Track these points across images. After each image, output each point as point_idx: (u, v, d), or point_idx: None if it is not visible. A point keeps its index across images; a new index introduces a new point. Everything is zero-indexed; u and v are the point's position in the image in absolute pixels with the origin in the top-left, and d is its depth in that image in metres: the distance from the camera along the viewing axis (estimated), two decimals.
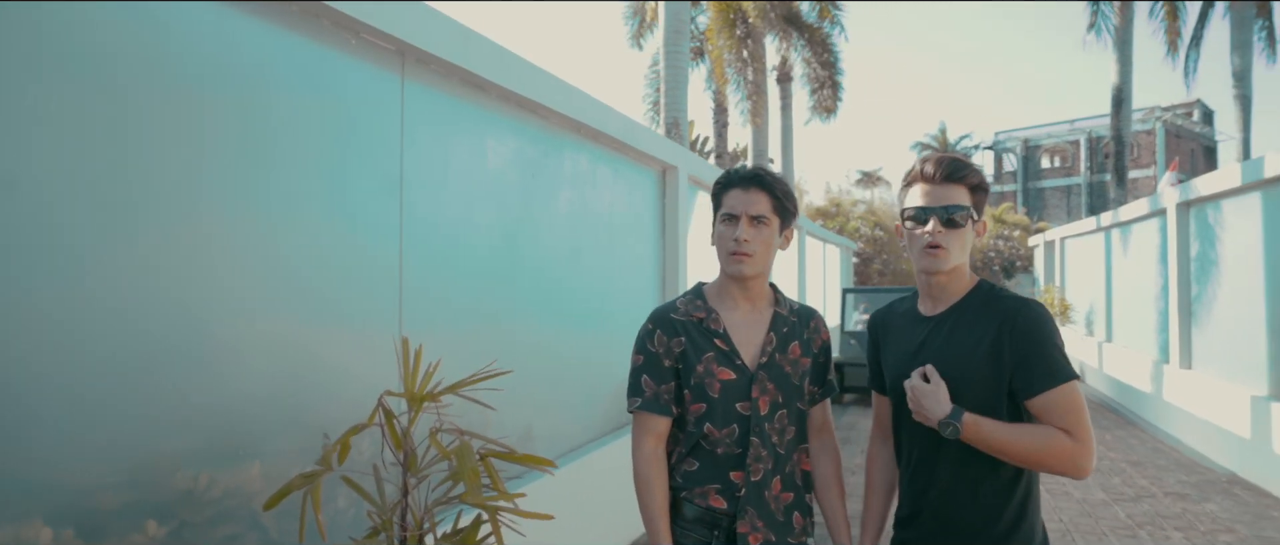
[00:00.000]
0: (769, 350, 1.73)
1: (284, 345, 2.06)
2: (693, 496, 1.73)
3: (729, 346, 1.72)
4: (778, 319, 1.77)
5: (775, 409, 1.72)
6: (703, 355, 1.72)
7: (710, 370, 1.71)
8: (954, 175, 1.55)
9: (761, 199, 1.71)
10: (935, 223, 1.54)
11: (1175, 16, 12.13)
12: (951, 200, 1.54)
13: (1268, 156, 5.74)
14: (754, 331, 1.75)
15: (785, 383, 1.73)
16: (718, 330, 1.73)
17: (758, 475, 1.70)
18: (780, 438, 1.73)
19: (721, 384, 1.70)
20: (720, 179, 1.77)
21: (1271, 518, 4.96)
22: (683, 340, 1.74)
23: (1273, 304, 5.81)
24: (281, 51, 2.06)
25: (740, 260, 1.70)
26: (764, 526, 1.70)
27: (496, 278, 3.04)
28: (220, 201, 1.88)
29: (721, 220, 1.74)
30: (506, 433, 3.05)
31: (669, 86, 9.31)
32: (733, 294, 1.77)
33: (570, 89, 3.52)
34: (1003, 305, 1.53)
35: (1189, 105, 36.83)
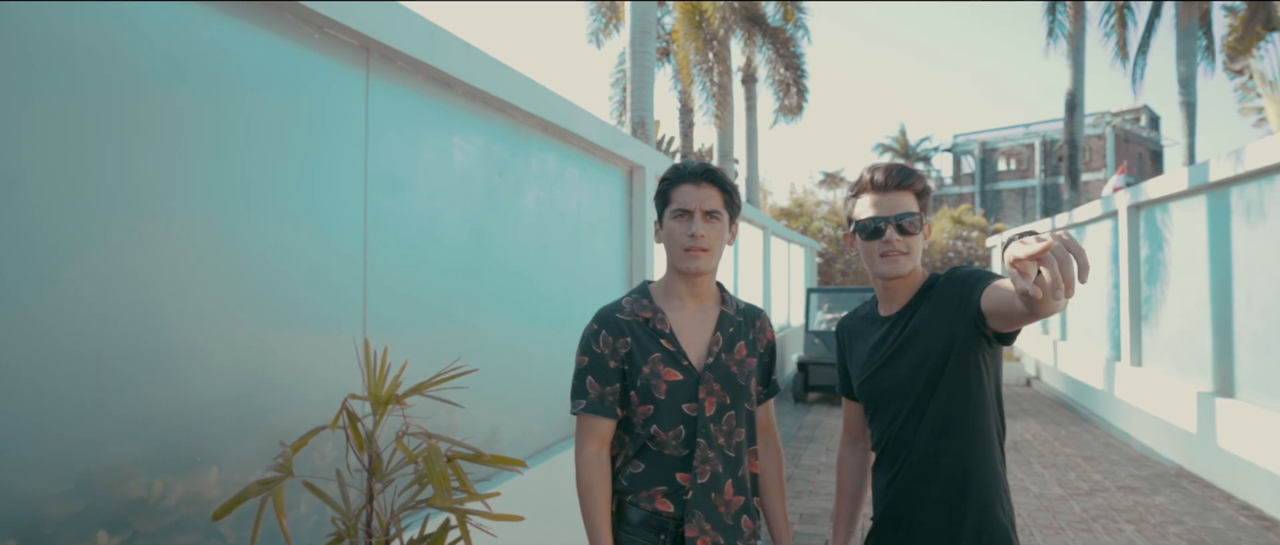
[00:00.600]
0: (715, 350, 1.71)
1: (243, 347, 2.00)
2: (639, 500, 1.69)
3: (675, 347, 1.69)
4: (724, 318, 1.75)
5: (723, 410, 1.70)
6: (649, 356, 1.69)
7: (656, 371, 1.68)
8: (903, 183, 1.60)
9: (713, 194, 1.70)
10: (892, 230, 1.58)
11: (1124, 26, 12.52)
12: (903, 208, 1.59)
13: (1212, 161, 5.95)
14: (700, 331, 1.73)
15: (732, 383, 1.71)
16: (664, 330, 1.70)
17: (704, 477, 1.67)
18: (728, 440, 1.70)
19: (667, 385, 1.68)
20: (667, 174, 1.74)
21: (1216, 509, 5.14)
22: (629, 340, 1.71)
23: (1217, 303, 6.02)
24: (243, 46, 2.00)
25: (696, 255, 1.68)
26: (712, 529, 1.67)
27: (463, 278, 3.00)
28: (177, 199, 1.81)
29: (672, 216, 1.71)
30: (472, 434, 3.01)
31: (635, 86, 9.31)
32: (680, 293, 1.75)
33: (538, 87, 3.49)
34: (939, 279, 1.62)
35: (1137, 111, 38.04)
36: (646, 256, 4.97)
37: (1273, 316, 5.18)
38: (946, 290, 1.56)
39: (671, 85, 15.98)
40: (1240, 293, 5.66)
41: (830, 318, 10.93)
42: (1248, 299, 5.55)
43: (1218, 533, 4.63)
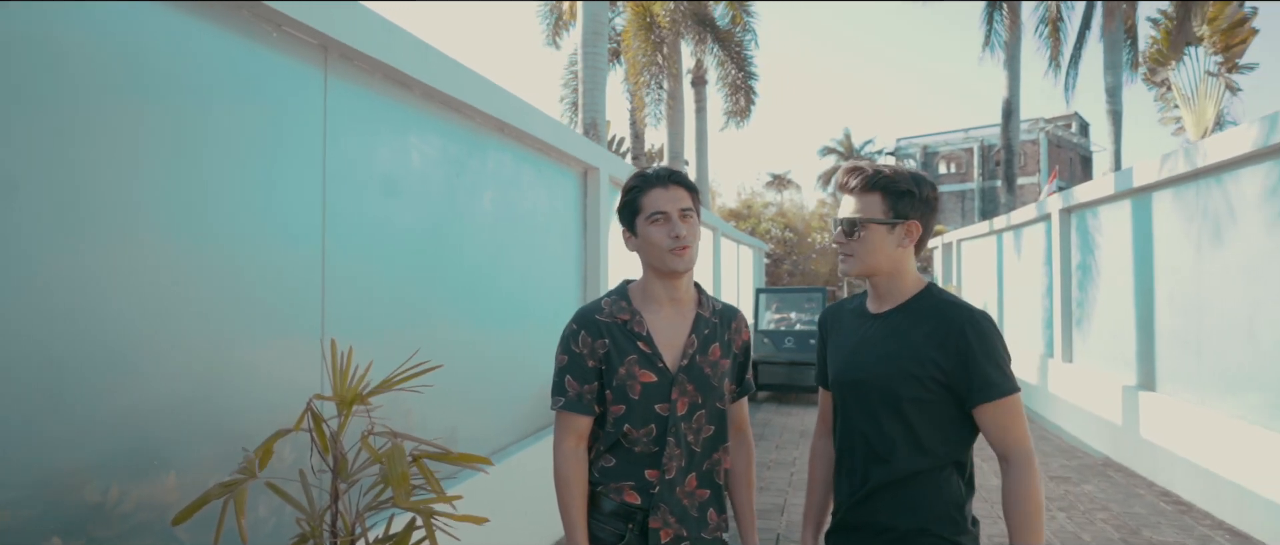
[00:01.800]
0: (690, 352, 1.76)
1: (200, 348, 1.97)
2: (609, 491, 1.76)
3: (652, 349, 1.74)
4: (700, 320, 1.80)
5: (694, 409, 1.75)
6: (625, 357, 1.74)
7: (632, 372, 1.73)
8: (866, 185, 1.61)
9: (683, 194, 1.75)
10: (840, 231, 1.65)
11: (1057, 36, 13.10)
12: (854, 210, 1.62)
13: (1136, 167, 6.28)
14: (676, 333, 1.78)
15: (705, 383, 1.76)
16: (641, 333, 1.75)
17: (671, 473, 1.73)
18: (696, 436, 1.76)
19: (642, 387, 1.73)
20: (633, 183, 1.78)
21: (1139, 496, 5.44)
22: (606, 342, 1.75)
23: (1141, 302, 6.37)
24: (200, 44, 1.97)
25: (682, 254, 1.72)
26: (676, 522, 1.74)
27: (421, 278, 2.99)
28: (132, 199, 1.78)
29: (649, 221, 1.73)
30: (430, 433, 3.00)
31: (587, 87, 9.33)
32: (658, 295, 1.79)
33: (494, 88, 3.50)
34: (954, 312, 1.57)
35: (1068, 117, 39.70)
36: (601, 257, 5.01)
37: (1191, 314, 5.51)
38: (961, 343, 1.52)
39: (623, 87, 16.03)
40: (1162, 292, 5.99)
41: (778, 318, 11.14)
42: (1168, 298, 5.88)
43: (1140, 517, 4.91)
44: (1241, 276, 4.85)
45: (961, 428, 1.58)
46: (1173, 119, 17.12)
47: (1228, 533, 4.59)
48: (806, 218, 28.03)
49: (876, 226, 1.60)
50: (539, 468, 3.87)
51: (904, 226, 1.60)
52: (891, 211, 1.60)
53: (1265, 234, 4.59)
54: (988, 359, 1.52)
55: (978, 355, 1.51)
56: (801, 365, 9.82)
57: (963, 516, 1.59)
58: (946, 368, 1.53)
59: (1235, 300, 4.92)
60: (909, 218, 1.60)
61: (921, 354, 1.56)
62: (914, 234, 1.61)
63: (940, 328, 1.56)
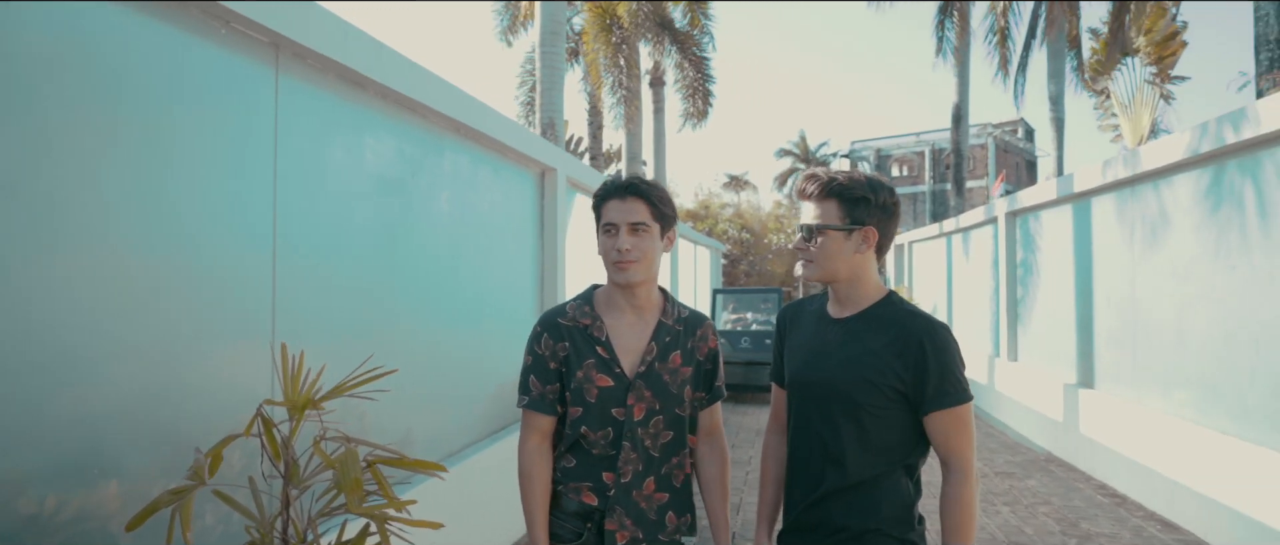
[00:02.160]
0: (649, 359, 1.78)
1: (144, 353, 1.92)
2: (569, 490, 1.79)
3: (609, 354, 1.77)
4: (661, 328, 1.82)
5: (651, 415, 1.78)
6: (584, 361, 1.77)
7: (589, 376, 1.76)
8: (823, 192, 1.64)
9: (639, 207, 1.76)
10: (800, 237, 1.68)
11: (1005, 45, 13.52)
12: (811, 216, 1.65)
13: (1077, 173, 6.52)
14: (636, 340, 1.80)
15: (663, 390, 1.78)
16: (600, 338, 1.78)
17: (627, 476, 1.76)
18: (654, 441, 1.79)
19: (599, 390, 1.76)
20: (598, 191, 1.82)
21: (1078, 490, 5.66)
22: (567, 345, 1.79)
23: (1081, 303, 6.61)
24: (146, 41, 1.92)
25: (624, 268, 1.75)
26: (632, 524, 1.77)
27: (375, 280, 2.95)
28: (75, 199, 1.73)
29: (603, 231, 1.78)
30: (385, 437, 2.97)
31: (545, 87, 9.30)
32: (619, 302, 1.82)
33: (451, 88, 3.47)
34: (913, 322, 1.60)
35: (1014, 123, 40.94)
36: (558, 258, 5.00)
37: (1126, 315, 5.75)
38: (918, 353, 1.55)
39: (581, 87, 16.01)
40: (1100, 294, 6.23)
41: (734, 318, 11.26)
42: (1106, 299, 6.12)
43: (1079, 510, 5.11)
44: (1172, 278, 5.08)
45: (915, 434, 1.63)
46: (1111, 126, 17.82)
47: (1159, 523, 4.80)
48: (763, 219, 28.36)
49: (834, 233, 1.63)
50: (495, 468, 3.86)
51: (861, 232, 1.63)
52: (848, 218, 1.62)
53: (1193, 238, 4.81)
54: (943, 369, 1.56)
55: (933, 365, 1.55)
56: (758, 365, 9.95)
57: (912, 516, 1.65)
58: (904, 377, 1.57)
59: (1166, 301, 5.15)
60: (866, 224, 1.62)
61: (881, 362, 1.59)
62: (871, 240, 1.64)
63: (900, 337, 1.59)
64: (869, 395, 1.59)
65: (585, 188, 5.94)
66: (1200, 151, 4.57)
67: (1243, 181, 4.31)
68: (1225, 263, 4.46)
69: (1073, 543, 4.45)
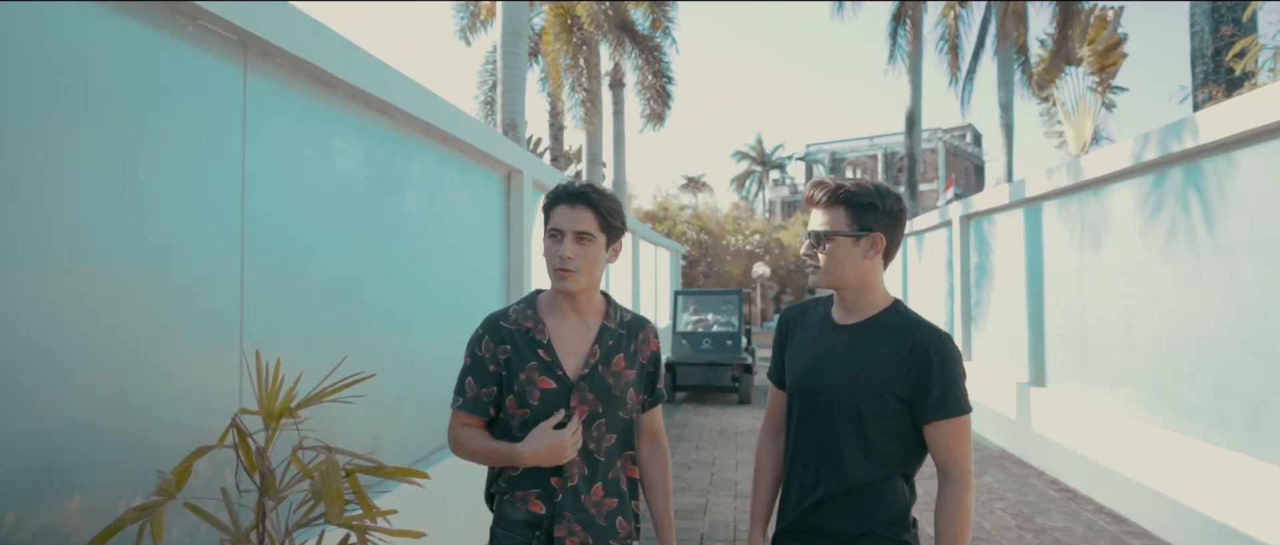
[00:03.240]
0: (592, 362, 1.78)
1: (106, 361, 1.85)
2: (515, 501, 1.78)
3: (551, 357, 1.77)
4: (604, 332, 1.82)
5: (594, 418, 1.77)
6: (526, 364, 1.76)
7: (532, 378, 1.75)
8: (830, 199, 1.66)
9: (587, 216, 1.74)
10: (808, 243, 1.69)
11: (955, 53, 13.90)
12: (820, 223, 1.67)
13: (1028, 178, 6.74)
14: (579, 343, 1.80)
15: (606, 393, 1.78)
16: (542, 341, 1.78)
17: (574, 480, 1.75)
18: (598, 445, 1.78)
19: (541, 392, 1.75)
20: (548, 194, 1.80)
21: (1032, 486, 5.84)
22: (508, 348, 1.78)
23: (1033, 304, 6.83)
24: (108, 37, 1.85)
25: (564, 276, 1.74)
26: (582, 530, 1.75)
27: (344, 284, 2.89)
28: (31, 200, 1.65)
29: (548, 235, 1.77)
30: (356, 443, 2.92)
31: (506, 88, 9.22)
32: (562, 306, 1.81)
33: (419, 89, 3.43)
34: (919, 332, 1.62)
35: (963, 128, 42.08)
36: (525, 261, 4.97)
37: (1076, 316, 5.95)
38: (924, 362, 1.57)
39: (540, 87, 15.92)
40: (1051, 295, 6.45)
41: (696, 319, 11.32)
42: (1056, 301, 6.34)
43: (1032, 505, 5.28)
44: (1119, 281, 5.28)
45: (915, 443, 1.65)
46: (1056, 133, 18.45)
47: (1108, 516, 4.99)
48: (721, 220, 28.60)
49: (842, 239, 1.64)
50: (462, 473, 3.81)
51: (869, 239, 1.65)
52: (856, 224, 1.64)
53: (1140, 242, 5.01)
54: (947, 379, 1.58)
55: (938, 375, 1.58)
56: (719, 366, 10.01)
57: (907, 519, 1.68)
58: (908, 386, 1.59)
59: (1114, 303, 5.36)
60: (873, 230, 1.64)
61: (886, 371, 1.61)
62: (879, 246, 1.66)
63: (905, 346, 1.61)
64: (873, 404, 1.60)
65: None
66: (1144, 159, 4.76)
67: (1186, 189, 4.50)
68: (1170, 266, 4.66)
69: (1028, 537, 4.59)
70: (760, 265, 24.73)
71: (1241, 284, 3.97)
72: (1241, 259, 3.98)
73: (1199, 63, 6.21)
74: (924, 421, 1.60)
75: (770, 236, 28.21)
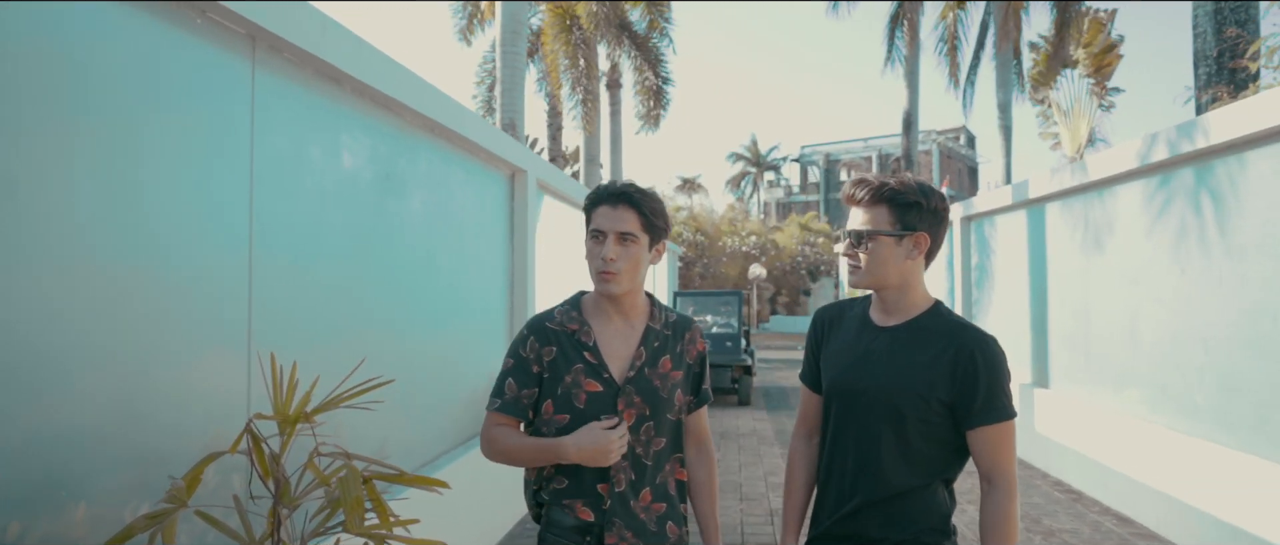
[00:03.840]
0: (638, 364, 1.74)
1: (113, 365, 1.79)
2: (562, 510, 1.72)
3: (597, 360, 1.72)
4: (650, 333, 1.79)
5: (642, 421, 1.74)
6: (572, 366, 1.72)
7: (578, 381, 1.71)
8: (873, 197, 1.60)
9: (629, 216, 1.70)
10: (849, 242, 1.63)
11: (954, 54, 13.92)
12: (868, 223, 1.59)
13: (1031, 179, 6.72)
14: (625, 345, 1.76)
15: (653, 395, 1.74)
16: (588, 343, 1.73)
17: (621, 486, 1.71)
18: (646, 449, 1.75)
19: (588, 395, 1.71)
20: (591, 194, 1.77)
21: (1037, 487, 5.82)
22: (554, 350, 1.74)
23: (1036, 305, 6.81)
24: (114, 30, 1.79)
25: (607, 279, 1.70)
26: (633, 536, 1.71)
27: (350, 284, 2.84)
28: (37, 198, 1.60)
29: (590, 237, 1.73)
30: (365, 447, 2.86)
31: (505, 88, 9.17)
32: (605, 308, 1.78)
33: (426, 86, 3.38)
34: (965, 335, 1.57)
35: (957, 130, 42.19)
36: (528, 261, 4.92)
37: (1080, 317, 5.94)
38: (969, 365, 1.53)
39: (538, 88, 15.87)
40: (1054, 296, 6.43)
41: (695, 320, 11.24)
42: (1060, 302, 6.32)
43: (1039, 507, 5.25)
44: (1123, 281, 5.27)
45: (957, 448, 1.60)
46: (1052, 135, 18.49)
47: (1115, 518, 4.97)
48: (716, 221, 28.60)
49: (884, 238, 1.59)
50: (468, 478, 3.76)
51: (912, 238, 1.59)
52: (899, 223, 1.58)
53: (1144, 243, 5.00)
54: (993, 383, 1.53)
55: (984, 379, 1.53)
56: (718, 367, 9.97)
57: (948, 526, 1.63)
58: (953, 390, 1.54)
59: (1118, 303, 5.34)
60: (917, 229, 1.59)
61: (931, 374, 1.56)
62: (923, 246, 1.61)
63: (950, 349, 1.56)
64: (917, 408, 1.56)
65: (554, 190, 5.86)
66: (1152, 160, 4.74)
67: (1196, 189, 4.49)
68: (1176, 266, 4.64)
69: (1037, 539, 4.57)
70: (756, 266, 24.72)
71: (1250, 285, 3.96)
72: (1250, 260, 3.97)
73: (1202, 64, 6.20)
74: (968, 427, 1.55)
75: (766, 238, 28.21)
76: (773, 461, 6.72)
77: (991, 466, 1.55)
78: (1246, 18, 5.98)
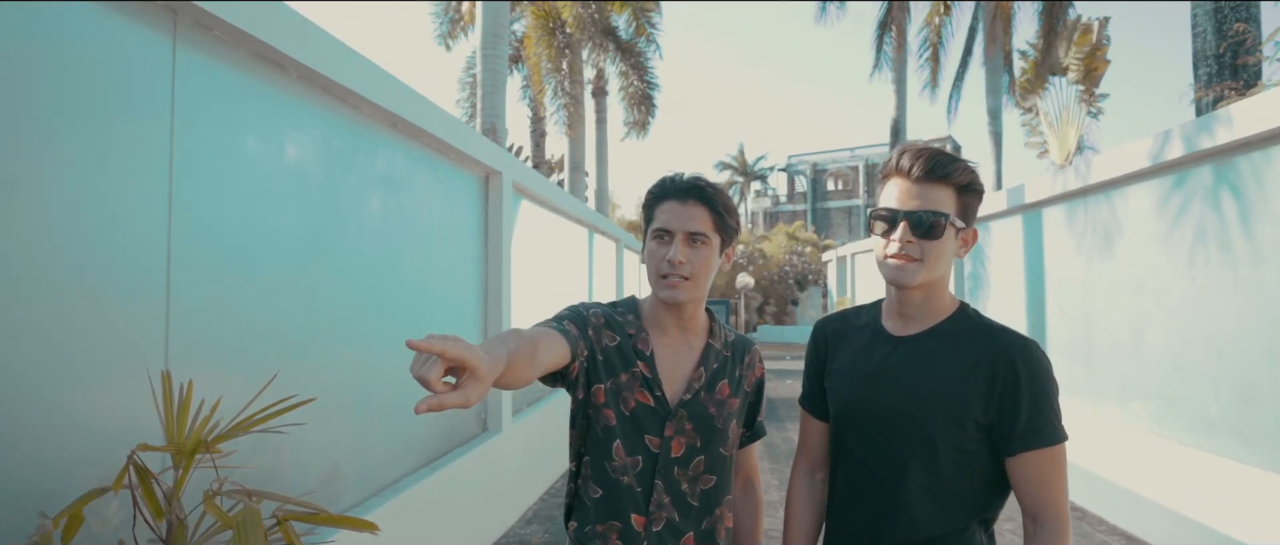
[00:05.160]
0: (695, 386, 1.50)
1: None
2: (594, 534, 1.46)
3: (652, 373, 1.47)
4: (710, 352, 1.54)
5: (692, 454, 1.48)
6: (629, 367, 1.47)
7: (630, 385, 1.47)
8: (936, 172, 1.28)
9: (701, 214, 1.46)
10: (905, 228, 1.29)
11: (937, 61, 13.79)
12: (930, 204, 1.28)
13: (1028, 183, 6.52)
14: (681, 364, 1.52)
15: (707, 424, 1.49)
16: (645, 352, 1.49)
17: (659, 524, 1.45)
18: (693, 487, 1.48)
19: (637, 403, 1.46)
20: (654, 189, 1.52)
21: None
22: (618, 339, 1.49)
23: (1033, 313, 6.60)
24: None
25: (674, 285, 1.45)
26: None
27: (295, 293, 2.55)
28: None
29: (653, 236, 1.48)
30: (308, 474, 2.57)
31: (486, 90, 8.91)
32: (664, 320, 1.52)
33: (387, 77, 3.11)
34: (1001, 340, 1.29)
35: (943, 140, 42.35)
36: (503, 268, 4.64)
37: (1080, 325, 5.72)
38: (1008, 378, 1.26)
39: (521, 94, 15.62)
40: (1053, 304, 6.22)
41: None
42: (1059, 309, 6.10)
43: None
44: (1127, 288, 5.05)
45: (998, 481, 1.32)
46: (1038, 143, 18.43)
47: (1122, 537, 4.73)
48: None
49: (951, 228, 1.30)
50: (438, 500, 3.47)
51: (966, 234, 1.34)
52: (964, 212, 1.31)
53: (1151, 248, 4.78)
54: (1039, 398, 1.26)
55: (1027, 393, 1.25)
56: None
57: None
58: (991, 409, 1.27)
59: (1122, 311, 5.12)
60: (969, 224, 1.33)
61: (964, 391, 1.28)
62: (970, 244, 1.35)
63: (986, 358, 1.28)
64: (951, 434, 1.28)
65: (532, 194, 5.59)
66: (1165, 158, 4.53)
67: (1210, 189, 4.28)
68: (1186, 272, 4.42)
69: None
70: (744, 276, 24.53)
71: (1271, 289, 3.74)
72: (1269, 263, 3.75)
73: (1202, 64, 6.03)
74: (1010, 453, 1.27)
75: (753, 247, 28.07)
76: (762, 481, 6.45)
77: (1038, 502, 1.27)
78: (1248, 16, 5.82)
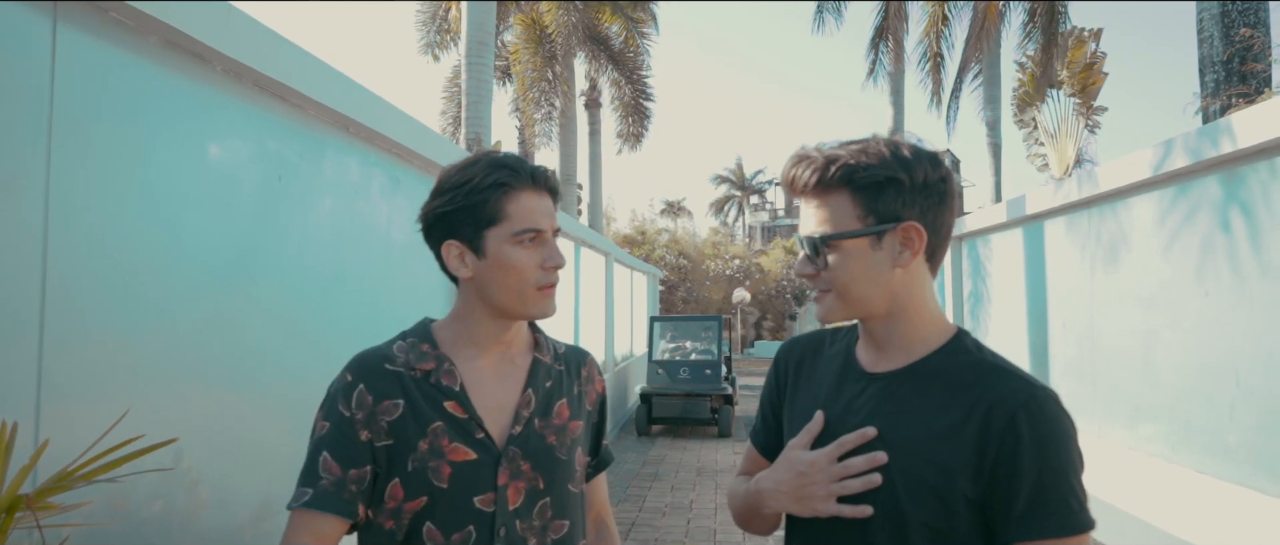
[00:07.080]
0: (525, 415, 1.22)
1: None
2: None
3: (468, 411, 1.18)
4: (538, 369, 1.26)
5: (535, 499, 1.20)
6: (428, 426, 1.16)
7: (437, 448, 1.15)
8: (825, 179, 1.03)
9: (554, 206, 1.26)
10: (802, 257, 1.08)
11: (937, 72, 13.61)
12: (820, 221, 1.04)
13: (1029, 195, 6.28)
14: (505, 389, 1.23)
15: (547, 459, 1.21)
16: (452, 388, 1.19)
17: None
18: (541, 537, 1.20)
19: (453, 468, 1.15)
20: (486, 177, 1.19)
21: None
22: (400, 404, 1.17)
23: (1034, 329, 6.34)
24: None
25: (551, 294, 1.22)
26: None
27: (221, 312, 2.28)
28: None
29: (515, 240, 1.18)
30: (237, 510, 2.30)
31: (471, 99, 8.68)
32: (481, 338, 1.24)
33: (335, 75, 2.85)
34: (1000, 385, 0.98)
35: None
36: None
37: (1085, 342, 5.46)
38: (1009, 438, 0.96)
39: (511, 108, 15.43)
40: (1055, 319, 5.96)
41: (673, 346, 10.76)
42: (1062, 325, 5.84)
43: None
44: (1136, 304, 4.79)
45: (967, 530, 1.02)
46: (1038, 156, 18.25)
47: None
48: (700, 245, 28.28)
49: (851, 243, 1.03)
50: None
51: (896, 234, 1.04)
52: (870, 214, 1.02)
53: (1161, 260, 4.53)
54: (1048, 470, 0.94)
55: (1031, 461, 0.94)
56: (697, 397, 9.44)
57: None
58: (983, 479, 0.97)
59: (1130, 327, 4.86)
60: (901, 219, 1.03)
61: (949, 452, 0.98)
62: (915, 243, 1.04)
63: (979, 409, 0.98)
64: (928, 509, 0.98)
65: None
66: (1167, 168, 4.29)
67: (1223, 200, 4.03)
68: (1199, 287, 4.17)
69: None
70: (740, 290, 24.30)
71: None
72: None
73: (1208, 70, 5.82)
74: (1007, 540, 0.96)
75: (750, 261, 27.88)
76: None
77: None
78: (1256, 20, 5.61)
